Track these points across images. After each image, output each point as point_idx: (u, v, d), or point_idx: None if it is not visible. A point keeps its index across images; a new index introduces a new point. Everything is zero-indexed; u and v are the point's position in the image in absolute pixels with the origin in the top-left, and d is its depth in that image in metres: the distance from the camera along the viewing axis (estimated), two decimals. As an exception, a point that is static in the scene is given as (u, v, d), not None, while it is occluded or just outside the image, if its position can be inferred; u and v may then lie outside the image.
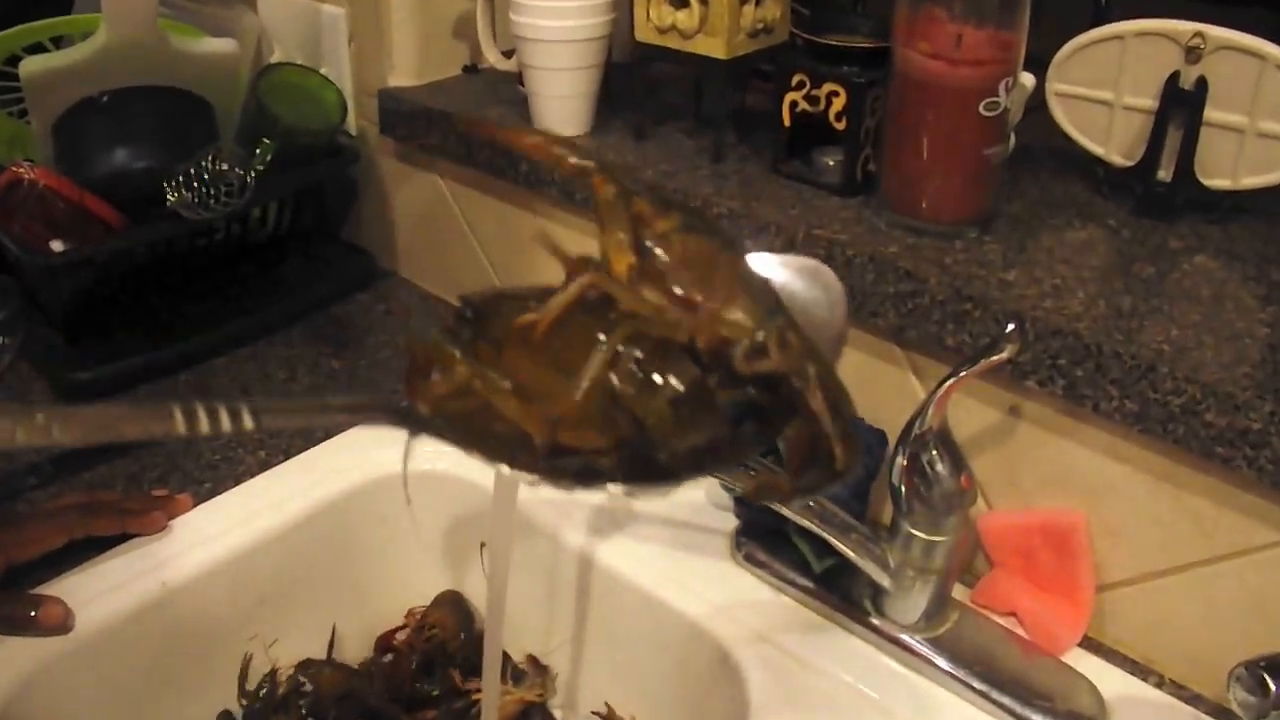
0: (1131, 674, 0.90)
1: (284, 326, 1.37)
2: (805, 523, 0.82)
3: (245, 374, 1.27)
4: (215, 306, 1.35)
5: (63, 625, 0.91)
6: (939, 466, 0.83)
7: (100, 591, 0.95)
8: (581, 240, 1.20)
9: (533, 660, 1.12)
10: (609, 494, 0.47)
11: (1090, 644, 0.92)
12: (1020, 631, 0.92)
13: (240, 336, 1.33)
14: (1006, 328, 0.78)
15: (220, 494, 1.07)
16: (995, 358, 0.78)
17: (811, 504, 0.82)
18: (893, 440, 0.96)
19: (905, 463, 0.84)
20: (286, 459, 1.12)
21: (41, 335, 1.25)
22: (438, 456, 1.11)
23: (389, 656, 1.15)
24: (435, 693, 1.09)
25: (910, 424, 0.84)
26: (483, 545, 1.08)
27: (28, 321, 1.16)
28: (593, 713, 1.08)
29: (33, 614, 0.89)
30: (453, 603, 1.15)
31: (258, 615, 1.06)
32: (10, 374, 1.22)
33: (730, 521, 1.03)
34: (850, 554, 0.85)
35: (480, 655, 1.05)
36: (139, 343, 1.27)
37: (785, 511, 0.81)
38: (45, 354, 1.25)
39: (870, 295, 0.94)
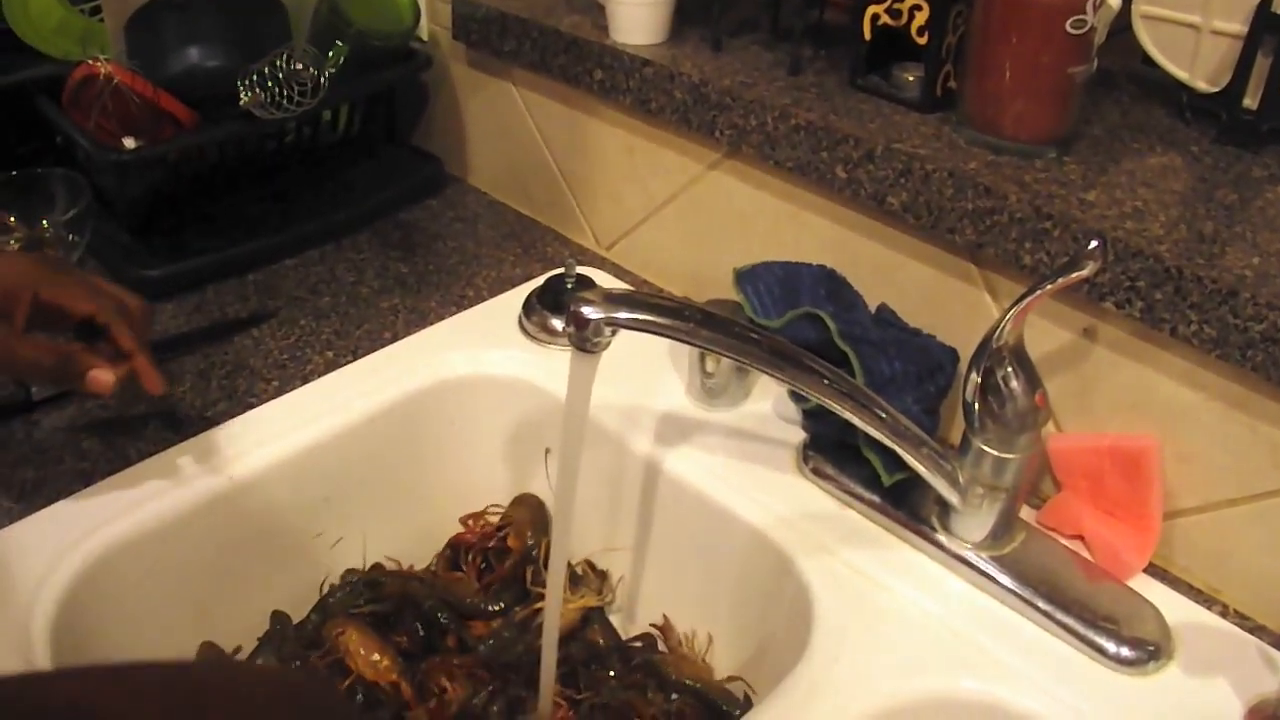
0: (1196, 602, 0.89)
1: (352, 230, 1.37)
2: (878, 435, 0.82)
3: (313, 276, 1.28)
4: (284, 208, 1.36)
5: (105, 391, 0.88)
6: (1013, 383, 0.83)
7: (169, 482, 0.97)
8: (656, 151, 1.20)
9: (589, 565, 1.13)
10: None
11: (1156, 570, 0.92)
12: (1086, 555, 0.92)
13: (308, 238, 1.34)
14: (1089, 244, 0.77)
15: (288, 392, 1.08)
16: (1076, 274, 0.77)
17: (884, 416, 0.81)
18: (965, 359, 0.96)
19: (979, 379, 0.84)
20: (355, 359, 1.12)
21: (108, 232, 1.26)
22: (505, 361, 1.12)
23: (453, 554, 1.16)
24: (499, 606, 1.09)
25: (987, 339, 0.83)
26: (547, 452, 1.09)
27: (95, 219, 1.16)
28: (651, 625, 1.09)
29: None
30: (531, 504, 1.16)
31: (322, 514, 1.07)
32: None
33: (797, 434, 1.03)
34: (921, 468, 0.85)
35: (544, 560, 1.06)
36: (207, 242, 1.28)
37: (857, 422, 0.80)
38: (113, 251, 1.26)
39: (948, 211, 0.93)
